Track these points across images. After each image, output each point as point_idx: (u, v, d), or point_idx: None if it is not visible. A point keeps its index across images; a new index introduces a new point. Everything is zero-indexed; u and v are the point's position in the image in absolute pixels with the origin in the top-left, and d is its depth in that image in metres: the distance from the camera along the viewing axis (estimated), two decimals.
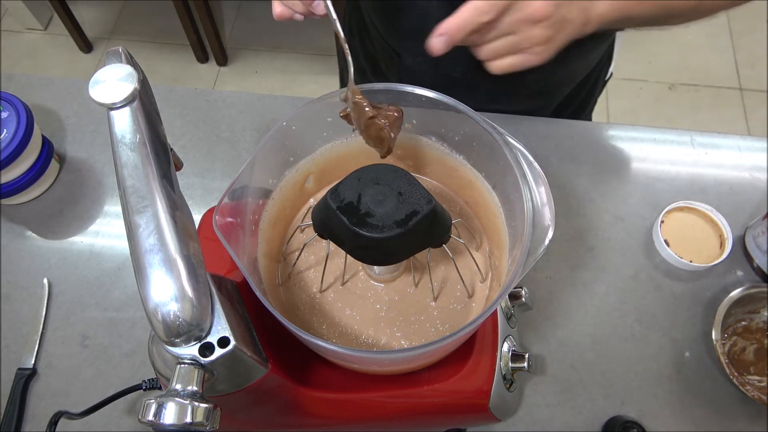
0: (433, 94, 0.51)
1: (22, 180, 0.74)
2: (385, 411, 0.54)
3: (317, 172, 0.59)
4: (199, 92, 0.86)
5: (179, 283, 0.36)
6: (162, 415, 0.34)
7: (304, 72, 2.05)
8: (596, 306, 0.71)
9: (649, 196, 0.77)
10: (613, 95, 1.95)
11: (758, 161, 0.79)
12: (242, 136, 0.82)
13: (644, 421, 0.63)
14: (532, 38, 0.50)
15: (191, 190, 0.79)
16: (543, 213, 0.45)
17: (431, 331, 0.54)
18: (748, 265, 0.72)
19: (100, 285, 0.73)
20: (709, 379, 0.66)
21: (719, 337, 0.64)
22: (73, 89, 0.87)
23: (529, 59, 0.52)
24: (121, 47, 0.44)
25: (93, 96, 0.39)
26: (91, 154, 0.81)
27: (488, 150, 0.50)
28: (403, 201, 0.45)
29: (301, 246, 0.57)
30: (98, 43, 2.12)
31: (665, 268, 0.72)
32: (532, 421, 0.65)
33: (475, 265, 0.56)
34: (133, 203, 0.38)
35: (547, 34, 0.50)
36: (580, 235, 0.75)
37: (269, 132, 0.50)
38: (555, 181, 0.78)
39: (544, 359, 0.68)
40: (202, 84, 2.02)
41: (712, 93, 1.95)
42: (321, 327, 0.55)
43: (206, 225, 0.59)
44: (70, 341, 0.69)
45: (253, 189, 0.50)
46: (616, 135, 0.82)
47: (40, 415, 0.66)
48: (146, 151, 0.40)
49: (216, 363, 0.39)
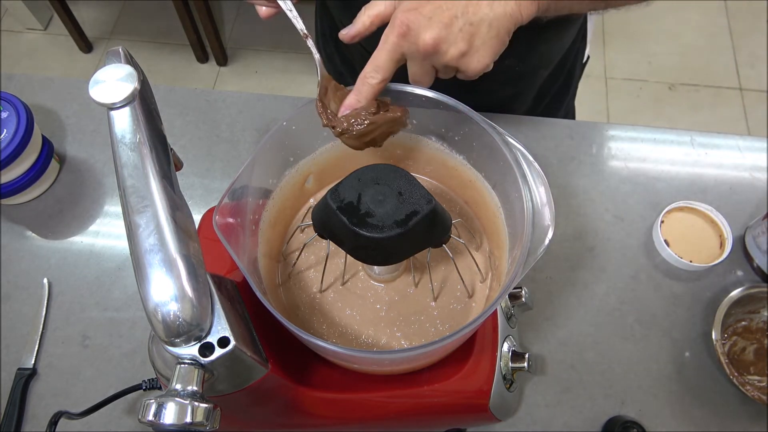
0: (433, 94, 0.51)
1: (22, 180, 0.74)
2: (385, 411, 0.54)
3: (317, 172, 0.59)
4: (199, 92, 0.86)
5: (179, 283, 0.36)
6: (162, 415, 0.34)
7: (304, 72, 2.05)
8: (596, 306, 0.71)
9: (649, 196, 0.77)
10: (613, 95, 1.96)
11: (758, 161, 0.79)
12: (242, 136, 0.82)
13: (644, 421, 0.63)
14: (450, 60, 0.49)
15: (191, 190, 0.79)
16: (543, 213, 0.45)
17: (431, 331, 0.54)
18: (748, 265, 0.72)
19: (100, 285, 0.73)
20: (709, 379, 0.66)
21: (719, 337, 0.64)
22: (73, 89, 0.87)
23: (470, 69, 0.50)
24: (121, 47, 0.44)
25: (93, 96, 0.39)
26: (91, 154, 0.81)
27: (488, 150, 0.50)
28: (403, 201, 0.45)
29: (301, 246, 0.57)
30: (98, 43, 2.12)
31: (665, 268, 0.72)
32: (532, 421, 0.65)
33: (475, 265, 0.56)
34: (133, 203, 0.38)
35: (460, 48, 0.48)
36: (580, 235, 0.75)
37: (269, 132, 0.50)
38: (555, 181, 0.78)
39: (544, 359, 0.68)
40: (202, 84, 2.02)
41: (712, 93, 1.95)
42: (321, 327, 0.55)
43: (206, 225, 0.59)
44: (70, 341, 0.69)
45: (253, 189, 0.50)
46: (616, 135, 0.82)
47: (40, 415, 0.66)
48: (146, 151, 0.40)
49: (216, 363, 0.39)
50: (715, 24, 2.07)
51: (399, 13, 0.48)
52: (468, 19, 0.48)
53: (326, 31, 0.87)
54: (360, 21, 0.51)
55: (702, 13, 2.08)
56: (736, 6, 2.10)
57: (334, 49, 0.87)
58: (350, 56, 0.85)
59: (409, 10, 0.48)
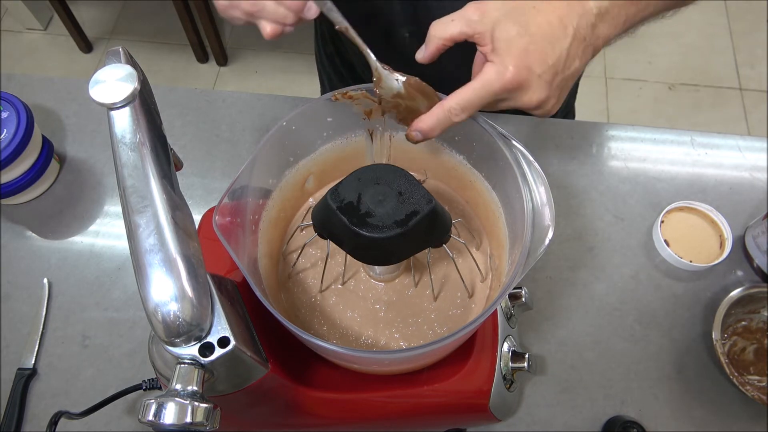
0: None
1: (22, 180, 0.74)
2: (385, 411, 0.54)
3: (317, 172, 0.59)
4: (199, 92, 0.86)
5: (179, 283, 0.36)
6: (162, 415, 0.34)
7: (304, 72, 2.05)
8: (596, 306, 0.71)
9: (649, 196, 0.77)
10: (613, 95, 1.96)
11: (758, 161, 0.79)
12: (242, 136, 0.82)
13: (644, 421, 0.63)
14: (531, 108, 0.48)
15: (191, 190, 0.79)
16: (543, 213, 0.45)
17: (431, 331, 0.54)
18: (748, 265, 0.72)
19: (100, 285, 0.73)
20: (709, 379, 0.66)
21: (719, 337, 0.64)
22: (73, 89, 0.87)
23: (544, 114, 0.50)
24: (121, 47, 0.44)
25: (93, 96, 0.39)
26: (91, 154, 0.81)
27: (488, 150, 0.50)
28: (403, 201, 0.45)
29: (301, 246, 0.57)
30: (98, 43, 2.12)
31: (665, 268, 0.72)
32: (532, 421, 0.65)
33: (475, 265, 0.56)
34: (133, 203, 0.38)
35: (552, 103, 0.48)
36: (580, 235, 0.75)
37: (269, 132, 0.50)
38: (555, 181, 0.78)
39: (544, 359, 0.68)
40: (202, 84, 2.02)
41: (712, 93, 1.95)
42: (321, 327, 0.55)
43: (206, 225, 0.59)
44: (70, 341, 0.69)
45: (253, 189, 0.50)
46: (616, 135, 0.82)
47: (40, 415, 0.66)
48: (146, 151, 0.40)
49: (216, 363, 0.39)
50: (715, 24, 2.07)
51: (510, 64, 0.45)
52: (564, 74, 0.47)
53: (326, 32, 0.87)
54: (433, 44, 0.48)
55: (702, 13, 2.08)
56: (736, 6, 2.10)
57: (334, 49, 0.88)
58: (350, 57, 0.85)
59: (522, 67, 0.45)
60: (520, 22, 0.46)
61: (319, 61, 0.94)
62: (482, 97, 0.46)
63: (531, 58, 0.45)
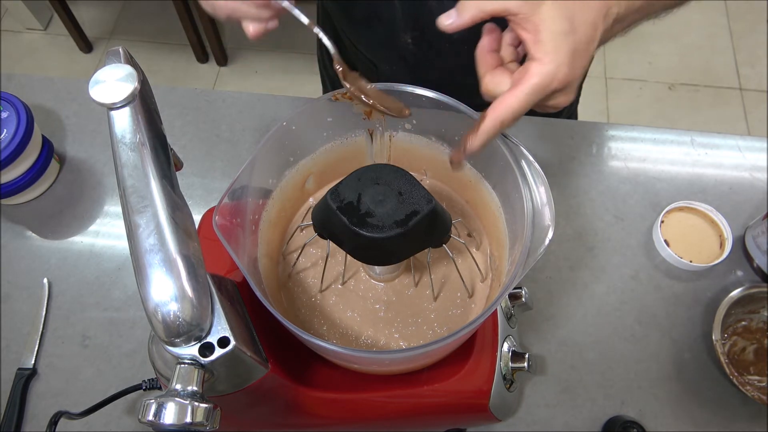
0: (433, 94, 0.51)
1: (22, 180, 0.74)
2: (385, 411, 0.54)
3: (317, 172, 0.59)
4: (199, 92, 0.86)
5: (179, 283, 0.36)
6: (162, 415, 0.34)
7: (304, 72, 2.05)
8: (596, 306, 0.71)
9: (649, 196, 0.77)
10: (613, 95, 1.96)
11: (758, 161, 0.79)
12: (242, 136, 0.82)
13: (644, 421, 0.63)
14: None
15: (191, 190, 0.79)
16: (543, 213, 0.45)
17: (431, 331, 0.54)
18: (748, 265, 0.72)
19: (100, 285, 0.73)
20: (709, 379, 0.66)
21: (719, 337, 0.64)
22: (73, 89, 0.87)
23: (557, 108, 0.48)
24: (121, 47, 0.44)
25: (93, 96, 0.39)
26: (91, 154, 0.81)
27: (488, 150, 0.50)
28: (403, 201, 0.45)
29: (301, 246, 0.57)
30: (98, 43, 2.12)
31: (665, 268, 0.72)
32: (532, 421, 0.65)
33: (475, 265, 0.56)
34: (133, 203, 0.38)
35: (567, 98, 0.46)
36: (580, 235, 0.75)
37: (269, 132, 0.50)
38: (555, 181, 0.78)
39: (544, 359, 0.68)
40: (202, 84, 2.02)
41: (712, 93, 1.95)
42: (321, 327, 0.55)
43: (206, 225, 0.59)
44: (70, 341, 0.69)
45: (253, 189, 0.50)
46: (616, 135, 0.82)
47: (40, 415, 0.66)
48: (146, 151, 0.40)
49: (216, 363, 0.39)
50: (715, 24, 2.07)
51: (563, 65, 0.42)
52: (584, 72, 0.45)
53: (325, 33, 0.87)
54: (469, 14, 0.43)
55: (702, 13, 2.08)
56: (736, 6, 2.10)
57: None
58: (352, 59, 0.85)
59: (570, 70, 0.42)
60: (568, 16, 0.42)
61: (321, 64, 0.94)
62: (533, 101, 0.43)
63: (576, 61, 0.43)
